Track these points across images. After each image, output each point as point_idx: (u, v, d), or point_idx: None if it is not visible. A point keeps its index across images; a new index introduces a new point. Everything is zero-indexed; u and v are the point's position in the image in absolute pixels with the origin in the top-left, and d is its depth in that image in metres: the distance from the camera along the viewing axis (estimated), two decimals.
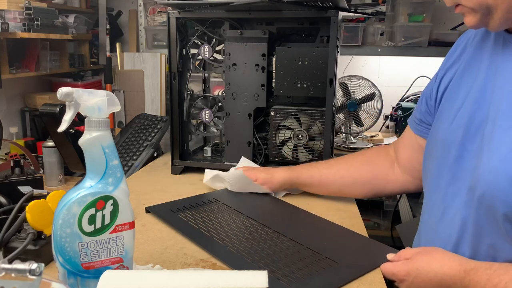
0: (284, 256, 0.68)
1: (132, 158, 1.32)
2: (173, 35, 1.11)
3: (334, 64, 1.03)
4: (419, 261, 0.61)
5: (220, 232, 0.76)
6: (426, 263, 0.60)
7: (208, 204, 0.90)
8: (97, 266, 0.52)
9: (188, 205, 0.90)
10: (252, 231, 0.77)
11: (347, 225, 0.84)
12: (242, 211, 0.86)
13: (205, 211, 0.86)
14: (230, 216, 0.84)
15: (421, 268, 0.60)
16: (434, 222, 0.68)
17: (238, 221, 0.81)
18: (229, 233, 0.76)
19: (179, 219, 0.82)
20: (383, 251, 0.69)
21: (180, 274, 0.48)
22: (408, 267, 0.61)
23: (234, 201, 0.92)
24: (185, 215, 0.84)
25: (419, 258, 0.61)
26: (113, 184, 0.52)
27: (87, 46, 2.08)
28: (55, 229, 0.50)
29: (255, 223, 0.80)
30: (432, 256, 0.61)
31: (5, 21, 1.44)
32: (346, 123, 1.93)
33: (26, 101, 1.84)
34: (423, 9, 1.92)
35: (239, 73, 1.11)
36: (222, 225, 0.79)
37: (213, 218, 0.83)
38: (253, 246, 0.71)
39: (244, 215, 0.84)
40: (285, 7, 1.03)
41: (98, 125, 0.51)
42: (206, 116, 1.17)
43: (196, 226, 0.79)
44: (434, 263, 0.59)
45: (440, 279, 0.57)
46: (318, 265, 0.65)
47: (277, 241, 0.73)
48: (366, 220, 2.05)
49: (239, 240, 0.73)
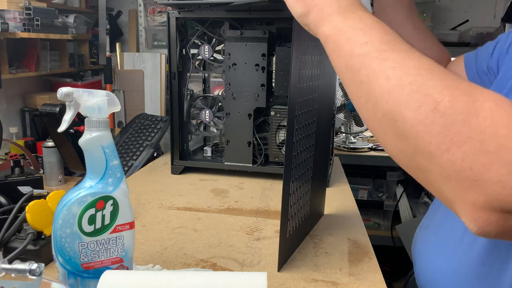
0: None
1: (132, 158, 1.32)
2: (173, 35, 1.11)
3: None
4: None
5: None
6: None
7: None
8: (97, 266, 0.52)
9: None
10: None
11: (347, 225, 0.84)
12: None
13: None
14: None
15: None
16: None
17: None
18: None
19: None
20: None
21: (180, 275, 0.48)
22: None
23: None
24: None
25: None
26: (113, 184, 0.52)
27: (87, 46, 2.08)
28: (55, 229, 0.50)
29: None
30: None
31: (5, 21, 1.44)
32: (346, 123, 1.93)
33: (26, 101, 1.84)
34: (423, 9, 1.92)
35: (239, 73, 1.11)
36: None
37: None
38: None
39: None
40: (285, 7, 1.03)
41: (98, 125, 0.51)
42: (206, 116, 1.17)
43: None
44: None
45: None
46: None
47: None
48: (366, 220, 2.05)
49: None
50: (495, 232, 0.37)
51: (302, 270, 0.66)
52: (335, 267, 0.67)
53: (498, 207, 0.35)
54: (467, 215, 0.37)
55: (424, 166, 0.38)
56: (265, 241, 0.76)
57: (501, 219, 0.36)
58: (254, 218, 0.87)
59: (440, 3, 2.22)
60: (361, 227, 0.84)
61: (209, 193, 1.03)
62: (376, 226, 2.08)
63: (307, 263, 0.69)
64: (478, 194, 0.35)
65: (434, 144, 0.36)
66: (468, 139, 0.35)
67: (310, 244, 0.75)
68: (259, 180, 1.13)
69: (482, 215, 0.36)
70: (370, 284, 0.63)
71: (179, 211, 0.90)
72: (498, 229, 0.36)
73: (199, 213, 0.89)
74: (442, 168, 0.36)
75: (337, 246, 0.75)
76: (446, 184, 0.37)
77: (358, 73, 0.42)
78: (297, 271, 0.66)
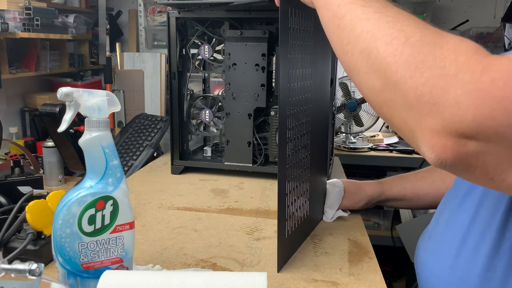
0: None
1: (132, 158, 1.32)
2: (173, 35, 1.11)
3: (334, 64, 1.03)
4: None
5: None
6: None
7: None
8: (97, 266, 0.52)
9: None
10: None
11: (347, 226, 0.84)
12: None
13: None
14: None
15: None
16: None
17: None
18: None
19: None
20: None
21: (180, 275, 0.48)
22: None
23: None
24: None
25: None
26: (113, 184, 0.52)
27: (87, 46, 2.08)
28: (55, 229, 0.50)
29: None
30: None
31: (5, 21, 1.44)
32: (346, 123, 1.93)
33: (26, 101, 1.84)
34: (423, 9, 1.92)
35: (239, 73, 1.11)
36: None
37: None
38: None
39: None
40: None
41: (98, 125, 0.51)
42: (206, 116, 1.17)
43: None
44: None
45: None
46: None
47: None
48: (366, 220, 2.05)
49: None
50: (452, 159, 0.38)
51: (302, 270, 0.66)
52: (335, 267, 0.67)
53: (454, 131, 0.37)
54: (425, 142, 0.39)
55: (390, 98, 0.41)
56: (265, 241, 0.76)
57: (456, 145, 0.37)
58: (254, 218, 0.87)
59: (440, 3, 2.22)
60: (361, 227, 0.84)
61: (209, 193, 1.03)
62: (376, 226, 2.08)
63: (307, 263, 0.69)
64: (436, 119, 0.37)
65: (400, 72, 0.39)
66: (431, 66, 0.38)
67: (310, 244, 0.75)
68: (259, 180, 1.13)
69: (438, 141, 0.38)
70: (370, 284, 0.63)
71: (179, 211, 0.90)
72: (454, 155, 0.38)
73: (199, 213, 0.89)
74: (404, 96, 0.39)
75: (337, 246, 0.75)
76: (408, 113, 0.40)
77: (343, 19, 0.47)
78: (297, 271, 0.66)
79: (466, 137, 0.37)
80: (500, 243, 0.56)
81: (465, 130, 0.36)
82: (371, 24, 0.44)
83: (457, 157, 0.38)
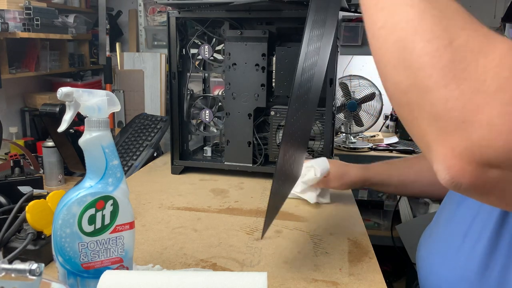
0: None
1: (132, 158, 1.32)
2: (173, 35, 1.11)
3: (334, 64, 1.03)
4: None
5: None
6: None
7: None
8: (97, 266, 0.52)
9: None
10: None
11: (347, 225, 0.84)
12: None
13: None
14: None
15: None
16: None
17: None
18: None
19: None
20: None
21: (180, 275, 0.48)
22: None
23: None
24: None
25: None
26: (113, 184, 0.52)
27: (87, 46, 2.08)
28: (55, 229, 0.50)
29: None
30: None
31: (5, 21, 1.44)
32: (346, 123, 1.93)
33: (26, 101, 1.84)
34: None
35: (239, 73, 1.11)
36: None
37: None
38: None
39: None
40: (285, 7, 1.03)
41: (98, 125, 0.51)
42: (206, 116, 1.17)
43: None
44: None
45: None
46: None
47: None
48: (366, 220, 2.05)
49: None
50: (467, 184, 0.35)
51: (302, 270, 0.66)
52: (335, 267, 0.67)
53: (479, 156, 0.34)
54: (443, 161, 0.36)
55: (415, 102, 0.37)
56: (265, 241, 0.76)
57: (476, 171, 0.35)
58: (254, 218, 0.87)
59: None
60: (361, 227, 0.84)
61: (209, 193, 1.03)
62: (376, 226, 2.08)
63: (307, 263, 0.69)
64: (461, 139, 0.34)
65: (435, 77, 0.35)
66: (470, 78, 0.34)
67: (310, 244, 0.75)
68: (259, 180, 1.13)
69: (458, 163, 0.35)
70: (370, 284, 0.63)
71: (179, 211, 0.90)
72: (471, 181, 0.35)
73: (199, 213, 0.89)
74: (432, 105, 0.35)
75: (337, 246, 0.75)
76: (431, 124, 0.36)
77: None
78: (297, 271, 0.66)
79: (490, 164, 0.34)
80: (498, 241, 0.56)
81: (490, 157, 0.34)
82: (414, 13, 0.38)
83: (475, 183, 0.35)
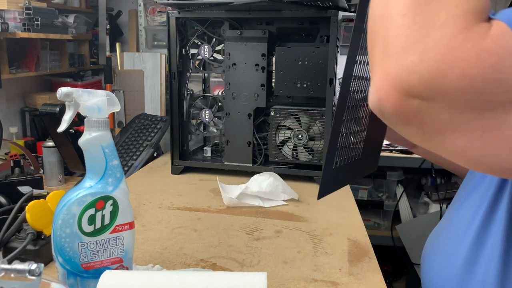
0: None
1: (132, 158, 1.32)
2: (173, 35, 1.11)
3: (334, 64, 1.03)
4: None
5: None
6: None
7: None
8: (96, 266, 0.52)
9: None
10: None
11: (347, 226, 0.84)
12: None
13: None
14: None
15: None
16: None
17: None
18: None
19: None
20: None
21: (180, 275, 0.48)
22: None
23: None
24: None
25: None
26: (113, 184, 0.52)
27: (87, 46, 2.08)
28: (55, 229, 0.50)
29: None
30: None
31: (5, 21, 1.44)
32: None
33: (26, 101, 1.84)
34: None
35: (239, 73, 1.11)
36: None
37: None
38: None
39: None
40: (285, 7, 1.03)
41: (98, 125, 0.51)
42: (206, 116, 1.17)
43: None
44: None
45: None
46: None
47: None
48: (366, 220, 2.05)
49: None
50: (390, 109, 0.37)
51: (302, 270, 0.66)
52: (335, 267, 0.67)
53: (404, 82, 0.36)
54: (376, 82, 0.38)
55: (377, 30, 0.39)
56: (265, 241, 0.76)
57: (399, 97, 0.36)
58: (254, 218, 0.87)
59: None
60: (361, 227, 0.84)
61: (209, 193, 1.03)
62: (376, 226, 2.08)
63: (307, 263, 0.69)
64: (396, 63, 0.36)
65: (400, 7, 0.37)
66: (428, 10, 0.36)
67: (310, 244, 0.75)
68: None
69: (386, 86, 0.37)
70: (370, 284, 0.63)
71: (179, 211, 0.90)
72: (393, 107, 0.37)
73: (199, 213, 0.89)
74: (386, 31, 0.38)
75: (337, 246, 0.75)
76: (379, 49, 0.38)
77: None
78: (297, 271, 0.66)
79: (412, 92, 0.36)
80: (486, 241, 0.56)
81: (414, 84, 0.35)
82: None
83: (396, 110, 0.37)
